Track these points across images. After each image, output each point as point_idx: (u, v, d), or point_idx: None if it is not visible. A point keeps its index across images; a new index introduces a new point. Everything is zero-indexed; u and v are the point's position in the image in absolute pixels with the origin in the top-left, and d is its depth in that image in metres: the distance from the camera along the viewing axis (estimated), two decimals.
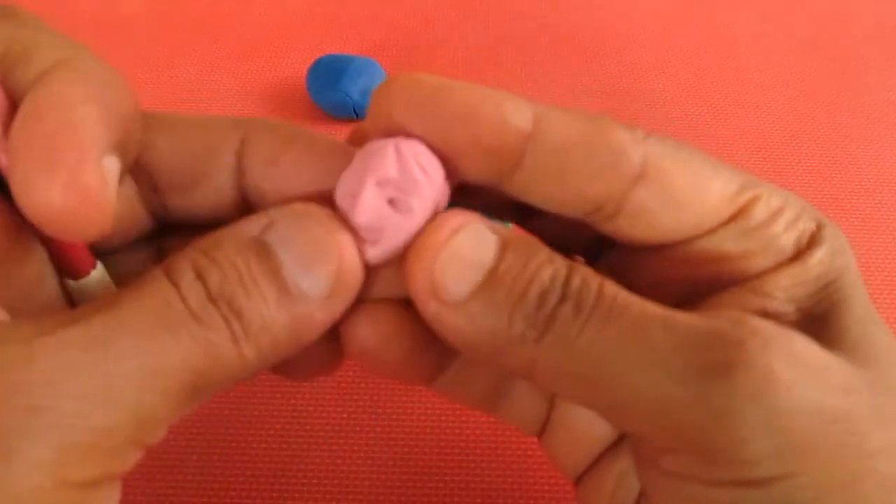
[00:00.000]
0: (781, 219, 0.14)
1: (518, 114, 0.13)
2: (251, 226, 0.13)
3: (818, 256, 0.13)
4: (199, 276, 0.12)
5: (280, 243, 0.12)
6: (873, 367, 0.12)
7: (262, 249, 0.12)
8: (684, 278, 0.14)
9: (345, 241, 0.13)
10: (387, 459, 0.25)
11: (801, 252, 0.14)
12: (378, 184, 0.13)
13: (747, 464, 0.11)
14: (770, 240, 0.14)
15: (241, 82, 0.39)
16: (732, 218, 0.14)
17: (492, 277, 0.12)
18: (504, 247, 0.13)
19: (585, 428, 0.16)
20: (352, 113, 0.35)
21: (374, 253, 0.13)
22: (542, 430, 0.17)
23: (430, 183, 0.13)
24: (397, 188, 0.13)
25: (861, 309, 0.13)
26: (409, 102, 0.13)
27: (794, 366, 0.11)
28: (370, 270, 0.13)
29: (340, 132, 0.36)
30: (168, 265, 0.12)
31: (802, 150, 0.36)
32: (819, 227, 0.14)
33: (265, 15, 0.44)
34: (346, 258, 0.13)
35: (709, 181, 0.13)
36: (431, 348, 0.14)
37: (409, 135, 0.13)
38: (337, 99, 0.35)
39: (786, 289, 0.13)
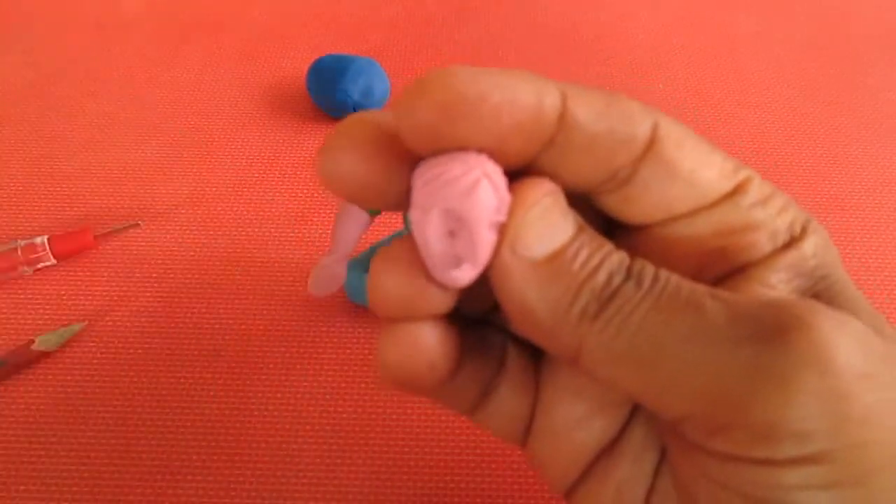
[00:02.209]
0: (774, 202, 0.14)
1: (550, 96, 0.13)
2: None
3: (813, 246, 0.14)
4: None
5: None
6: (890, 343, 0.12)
7: None
8: (690, 258, 0.14)
9: None
10: (387, 459, 0.25)
11: (794, 239, 0.14)
12: (443, 213, 0.12)
13: (803, 436, 0.11)
14: (767, 218, 0.14)
15: (241, 82, 0.39)
16: (731, 193, 0.14)
17: (569, 248, 0.12)
18: (581, 226, 0.13)
19: (570, 432, 0.16)
20: (352, 113, 0.35)
21: (455, 278, 0.13)
22: (525, 436, 0.16)
23: (499, 197, 0.13)
24: (465, 216, 0.12)
25: (862, 302, 0.14)
26: (445, 104, 0.12)
27: (849, 331, 0.11)
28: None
29: None
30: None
31: (802, 150, 0.36)
32: (807, 220, 0.14)
33: (265, 15, 0.44)
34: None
35: (711, 154, 0.14)
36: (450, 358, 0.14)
37: (473, 149, 0.12)
38: (337, 99, 0.35)
39: (787, 280, 0.14)
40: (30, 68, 0.40)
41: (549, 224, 0.13)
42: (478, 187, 0.12)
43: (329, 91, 0.35)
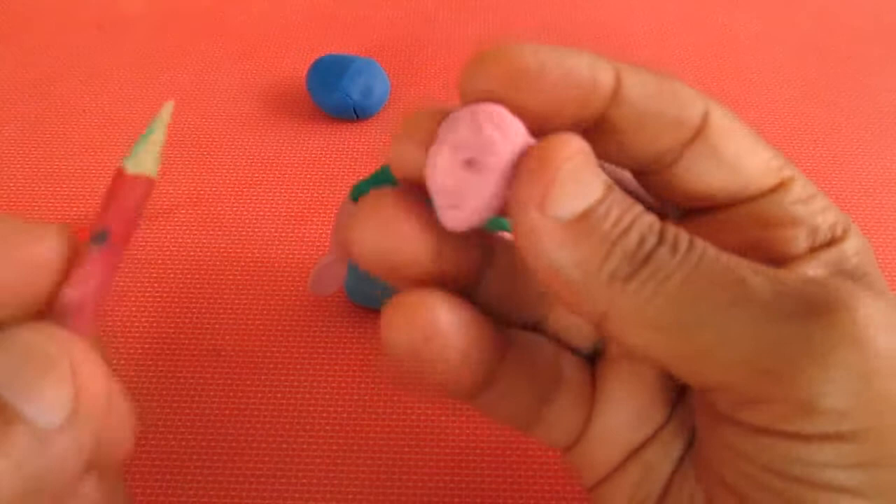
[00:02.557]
0: (816, 202, 0.14)
1: (604, 72, 0.13)
2: None
3: (855, 245, 0.14)
4: None
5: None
6: None
7: None
8: (730, 247, 0.14)
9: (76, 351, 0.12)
10: (387, 459, 0.25)
11: (836, 239, 0.14)
12: (452, 147, 0.13)
13: (837, 414, 0.11)
14: (808, 216, 0.14)
15: (241, 82, 0.39)
16: (775, 188, 0.14)
17: (599, 208, 0.12)
18: (610, 186, 0.13)
19: (621, 434, 0.16)
20: (352, 113, 0.36)
21: (455, 216, 0.13)
22: (576, 442, 0.16)
23: (508, 141, 0.12)
24: (472, 150, 0.12)
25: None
26: (507, 74, 0.13)
27: (887, 318, 0.11)
28: (445, 242, 0.13)
29: (340, 132, 0.36)
30: None
31: (802, 150, 0.36)
32: (848, 223, 0.14)
33: (265, 15, 0.44)
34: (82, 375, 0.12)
35: (759, 149, 0.14)
36: (482, 348, 0.14)
37: (487, 101, 0.13)
38: (337, 99, 0.35)
39: (828, 274, 0.14)
40: (30, 68, 0.40)
41: (580, 183, 0.12)
42: (491, 127, 0.12)
43: (329, 91, 0.35)
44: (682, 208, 0.15)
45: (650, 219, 0.12)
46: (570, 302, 0.13)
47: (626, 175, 0.16)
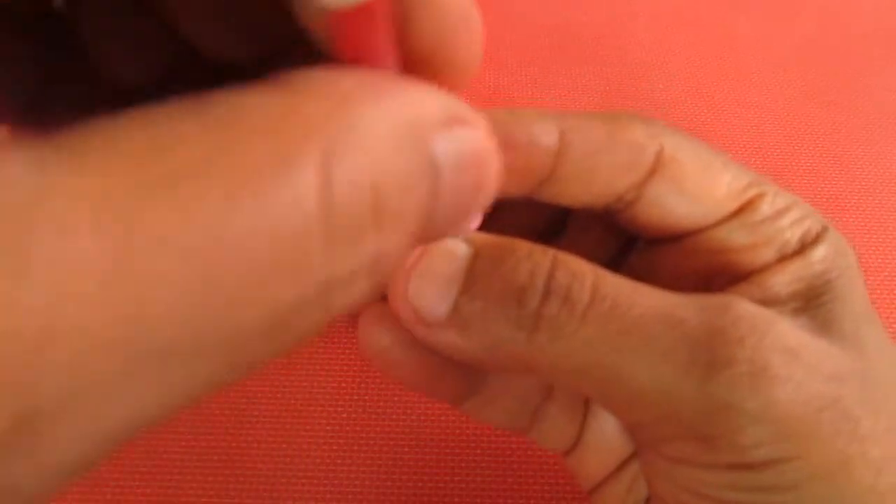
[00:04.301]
0: (787, 216, 0.15)
1: (546, 134, 0.13)
2: None
3: (821, 253, 0.14)
4: None
5: None
6: (862, 360, 0.13)
7: None
8: (697, 273, 0.15)
9: None
10: (387, 459, 0.25)
11: (804, 247, 0.14)
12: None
13: (745, 449, 0.12)
14: (775, 234, 0.14)
15: None
16: (740, 210, 0.14)
17: (467, 287, 0.12)
18: (476, 254, 0.13)
19: (611, 444, 0.16)
20: None
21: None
22: (572, 448, 0.17)
23: None
24: None
25: (858, 307, 0.14)
26: None
27: (789, 360, 0.12)
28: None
29: None
30: None
31: (802, 150, 0.36)
32: (823, 229, 0.15)
33: None
34: None
35: (719, 174, 0.14)
36: (449, 362, 0.14)
37: None
38: None
39: (788, 283, 0.14)
40: None
41: (434, 282, 0.12)
42: None
43: None
44: (651, 238, 0.15)
45: (528, 267, 0.12)
46: (504, 371, 0.14)
47: None
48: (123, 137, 0.07)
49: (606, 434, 0.16)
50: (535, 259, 0.12)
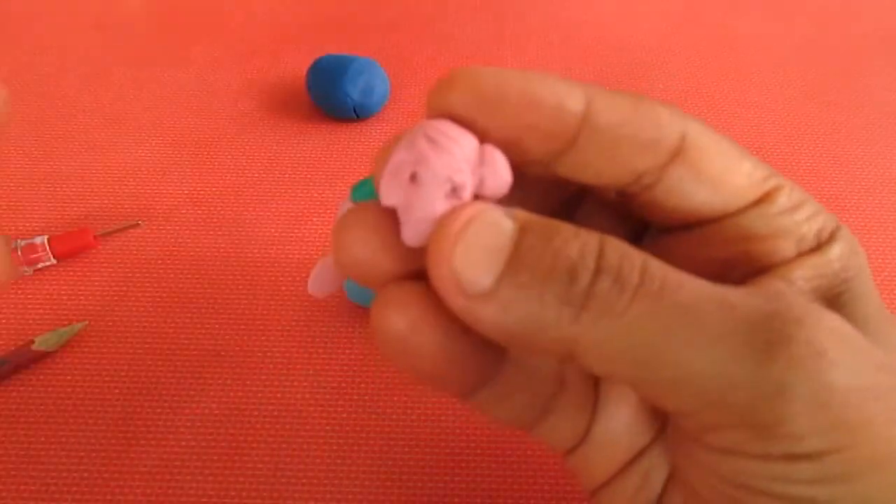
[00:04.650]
0: (803, 210, 0.14)
1: (573, 98, 0.13)
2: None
3: (839, 251, 0.14)
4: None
5: None
6: (889, 357, 0.13)
7: None
8: (713, 262, 0.15)
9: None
10: (387, 459, 0.25)
11: (821, 244, 0.14)
12: (395, 164, 0.13)
13: (798, 438, 0.11)
14: (793, 226, 0.14)
15: (241, 82, 0.39)
16: (759, 201, 0.14)
17: (514, 261, 0.12)
18: (523, 229, 0.12)
19: (620, 441, 0.16)
20: (352, 113, 0.36)
21: (404, 231, 0.13)
22: (577, 446, 0.17)
23: (443, 154, 0.12)
24: (412, 164, 0.13)
25: (874, 307, 0.14)
26: (471, 96, 0.13)
27: (845, 346, 0.12)
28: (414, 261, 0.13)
29: (340, 132, 0.36)
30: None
31: (802, 150, 0.36)
32: (837, 227, 0.14)
33: (265, 15, 0.44)
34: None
35: (739, 163, 0.14)
36: (467, 346, 0.14)
37: (438, 116, 0.13)
38: (337, 99, 0.35)
39: (809, 279, 0.14)
40: (30, 68, 0.40)
41: (481, 251, 0.12)
42: (425, 141, 0.12)
43: (329, 91, 0.35)
44: (665, 225, 0.15)
45: (578, 245, 0.12)
46: (536, 353, 0.13)
47: None
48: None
49: (615, 430, 0.16)
50: (583, 238, 0.12)
